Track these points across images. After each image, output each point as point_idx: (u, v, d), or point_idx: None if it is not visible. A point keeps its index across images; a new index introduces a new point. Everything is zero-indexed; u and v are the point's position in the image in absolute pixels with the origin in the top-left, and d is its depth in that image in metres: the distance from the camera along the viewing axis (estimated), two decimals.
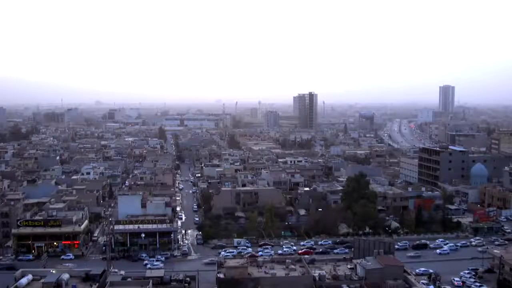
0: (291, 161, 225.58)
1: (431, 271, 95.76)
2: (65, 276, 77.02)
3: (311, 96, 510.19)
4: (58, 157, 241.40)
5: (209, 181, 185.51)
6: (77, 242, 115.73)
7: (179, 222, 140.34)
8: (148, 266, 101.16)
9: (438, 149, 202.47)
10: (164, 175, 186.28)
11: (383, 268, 78.97)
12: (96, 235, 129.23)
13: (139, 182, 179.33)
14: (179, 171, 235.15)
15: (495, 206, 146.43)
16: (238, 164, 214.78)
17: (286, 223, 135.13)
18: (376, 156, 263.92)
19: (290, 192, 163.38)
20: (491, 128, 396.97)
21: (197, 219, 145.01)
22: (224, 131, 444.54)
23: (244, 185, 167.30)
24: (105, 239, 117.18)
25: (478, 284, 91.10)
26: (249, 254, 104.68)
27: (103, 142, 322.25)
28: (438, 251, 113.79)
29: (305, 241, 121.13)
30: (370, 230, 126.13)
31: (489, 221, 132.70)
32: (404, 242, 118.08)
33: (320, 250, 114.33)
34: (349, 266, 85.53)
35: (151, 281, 76.34)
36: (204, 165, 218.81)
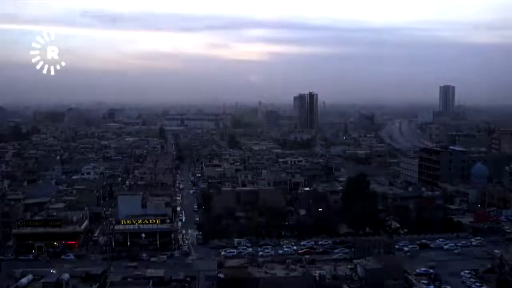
0: (291, 161, 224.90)
1: (431, 271, 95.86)
2: (65, 276, 77.16)
3: (311, 96, 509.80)
4: (58, 157, 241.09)
5: (209, 181, 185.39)
6: (78, 242, 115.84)
7: (179, 222, 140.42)
8: (153, 259, 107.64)
9: (438, 149, 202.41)
10: (164, 175, 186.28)
11: (383, 268, 79.08)
12: (96, 235, 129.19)
13: (139, 182, 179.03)
14: (179, 171, 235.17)
15: (495, 206, 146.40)
16: (238, 164, 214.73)
17: (286, 223, 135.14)
18: (377, 156, 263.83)
19: (290, 192, 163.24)
20: (491, 128, 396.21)
21: (197, 219, 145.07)
22: (224, 131, 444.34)
23: (244, 185, 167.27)
24: (105, 239, 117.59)
25: (478, 284, 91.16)
26: (249, 254, 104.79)
27: (103, 142, 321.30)
28: (445, 246, 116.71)
29: (305, 241, 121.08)
30: (370, 230, 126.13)
31: (489, 221, 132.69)
32: (404, 242, 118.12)
33: (320, 250, 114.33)
34: (349, 266, 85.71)
35: (151, 281, 76.54)
36: (204, 165, 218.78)
